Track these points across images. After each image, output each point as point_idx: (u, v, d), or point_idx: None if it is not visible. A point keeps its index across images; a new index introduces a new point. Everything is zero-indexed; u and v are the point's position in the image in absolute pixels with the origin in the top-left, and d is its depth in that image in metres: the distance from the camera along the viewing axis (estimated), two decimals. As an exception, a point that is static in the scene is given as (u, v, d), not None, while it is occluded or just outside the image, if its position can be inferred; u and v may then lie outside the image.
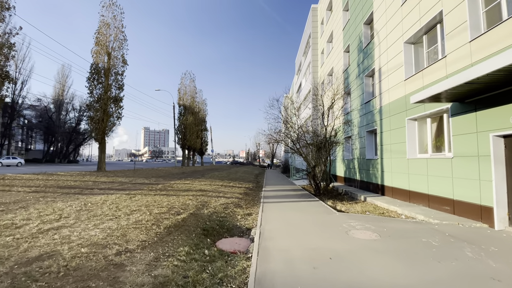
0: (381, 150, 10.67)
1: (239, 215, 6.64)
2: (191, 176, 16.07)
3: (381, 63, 10.73)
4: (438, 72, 7.19)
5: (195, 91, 37.04)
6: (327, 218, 6.48)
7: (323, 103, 11.95)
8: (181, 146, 33.88)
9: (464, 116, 6.29)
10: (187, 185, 11.12)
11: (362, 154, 12.67)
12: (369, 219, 6.33)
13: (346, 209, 8.26)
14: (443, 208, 7.00)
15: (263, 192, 11.48)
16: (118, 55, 19.18)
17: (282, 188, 13.54)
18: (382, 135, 10.63)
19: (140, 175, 15.46)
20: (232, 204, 7.62)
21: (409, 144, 8.75)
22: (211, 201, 7.67)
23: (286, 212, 7.11)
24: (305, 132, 12.95)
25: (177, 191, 9.26)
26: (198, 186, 10.80)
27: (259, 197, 10.22)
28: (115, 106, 18.87)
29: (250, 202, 8.70)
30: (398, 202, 8.80)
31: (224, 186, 11.76)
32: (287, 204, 8.56)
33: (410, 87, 8.60)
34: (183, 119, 34.02)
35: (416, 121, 8.73)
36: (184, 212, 6.00)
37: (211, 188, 10.41)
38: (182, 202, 7.21)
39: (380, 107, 10.81)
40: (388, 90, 10.13)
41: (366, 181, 12.17)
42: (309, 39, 26.07)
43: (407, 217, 7.00)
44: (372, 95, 12.23)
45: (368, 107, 12.02)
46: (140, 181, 12.09)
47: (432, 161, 7.57)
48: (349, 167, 14.69)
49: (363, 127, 12.57)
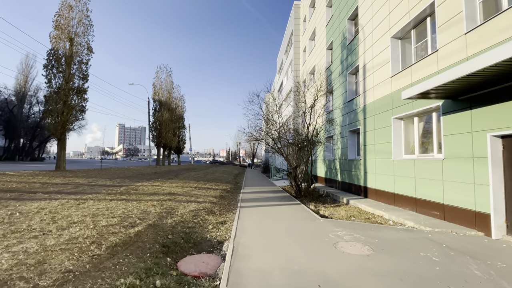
0: (365, 150, 10.21)
1: (211, 224, 5.67)
2: (163, 177, 14.75)
3: (366, 60, 10.26)
4: (429, 68, 6.72)
5: (172, 86, 35.11)
6: (310, 226, 5.71)
7: (306, 100, 11.30)
8: (155, 144, 31.88)
9: (457, 115, 5.83)
10: (155, 187, 9.91)
11: (344, 154, 12.21)
12: (356, 227, 5.66)
13: (329, 214, 7.60)
14: (432, 213, 6.54)
15: (241, 195, 10.57)
16: (82, 42, 17.24)
17: (261, 190, 12.72)
18: (365, 134, 10.17)
19: (105, 176, 13.87)
20: (204, 211, 6.63)
21: (395, 145, 8.30)
22: (179, 208, 6.62)
23: (265, 219, 6.26)
24: (287, 131, 12.23)
25: (141, 194, 8.06)
26: (168, 189, 9.64)
27: (236, 200, 9.29)
28: (78, 98, 16.93)
29: (225, 207, 7.75)
30: (383, 205, 8.32)
31: (198, 188, 10.69)
32: (266, 208, 7.73)
33: (397, 84, 8.13)
34: (158, 115, 32.03)
35: (402, 120, 8.30)
36: (141, 223, 4.92)
37: (182, 191, 9.31)
38: (143, 209, 6.09)
39: (364, 106, 10.35)
40: (373, 88, 9.67)
41: (348, 183, 11.71)
42: (291, 37, 25.57)
43: (395, 223, 6.46)
44: (355, 93, 11.79)
45: (351, 105, 11.55)
46: (101, 183, 10.65)
47: (420, 163, 7.11)
48: (330, 168, 14.24)
49: (345, 126, 12.11)
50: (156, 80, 33.10)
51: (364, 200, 9.51)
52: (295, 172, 10.77)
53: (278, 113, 12.32)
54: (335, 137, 13.43)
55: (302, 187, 11.04)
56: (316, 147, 11.95)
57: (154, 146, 32.59)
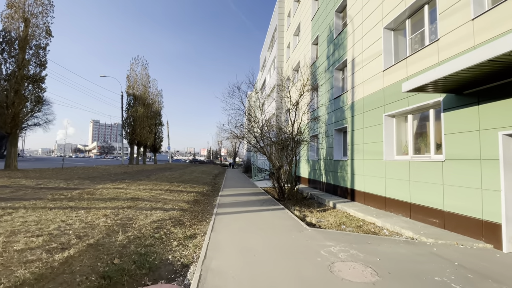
0: (352, 150, 9.54)
1: (176, 240, 4.56)
2: (132, 178, 13.23)
3: (355, 54, 9.59)
4: (428, 59, 6.07)
5: (148, 80, 32.93)
6: (298, 239, 4.79)
7: (290, 96, 10.43)
8: (128, 142, 29.65)
9: (461, 111, 5.19)
10: (118, 190, 8.54)
11: (330, 154, 11.53)
12: (350, 240, 4.83)
13: (317, 221, 6.75)
14: (429, 221, 5.90)
15: (219, 198, 9.48)
16: (40, 23, 15.14)
17: (242, 192, 11.69)
18: (353, 133, 9.50)
19: (62, 176, 12.12)
20: (170, 221, 5.48)
21: (387, 144, 7.65)
22: (138, 218, 5.42)
23: (244, 231, 5.25)
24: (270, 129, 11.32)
25: (95, 200, 6.72)
26: (133, 192, 8.32)
27: (212, 205, 8.19)
28: (34, 87, 14.84)
29: (198, 214, 6.64)
30: (373, 210, 7.64)
31: (169, 191, 9.43)
32: (246, 216, 6.72)
33: (390, 78, 7.48)
34: (132, 110, 29.82)
35: (395, 118, 7.67)
36: (77, 244, 3.71)
37: (149, 195, 8.04)
38: (89, 221, 4.84)
39: (352, 103, 9.68)
40: (362, 83, 9.00)
41: (333, 184, 11.03)
42: (274, 33, 24.75)
43: (391, 232, 5.73)
44: (342, 89, 11.13)
45: (338, 103, 10.87)
46: (53, 185, 9.07)
47: (415, 165, 6.47)
48: (314, 168, 13.54)
49: (331, 125, 11.42)
50: (131, 72, 30.84)
51: (351, 204, 8.81)
52: (279, 173, 9.87)
53: (261, 109, 11.35)
54: (320, 136, 12.73)
55: (285, 189, 10.18)
56: (300, 146, 11.15)
57: (127, 143, 30.34)
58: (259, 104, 10.91)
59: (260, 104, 11.24)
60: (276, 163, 9.90)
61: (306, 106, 11.21)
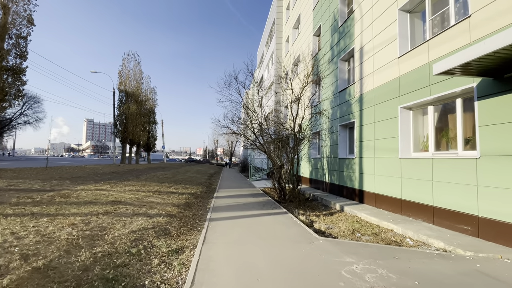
0: (360, 147, 8.69)
1: (158, 257, 3.63)
2: (120, 178, 12.21)
3: (364, 41, 8.73)
4: (456, 40, 5.23)
5: (141, 76, 31.73)
6: (310, 254, 3.90)
7: (292, 88, 9.54)
8: (120, 140, 28.46)
9: (502, 98, 4.35)
10: (100, 192, 7.55)
11: (334, 152, 10.68)
12: (374, 254, 3.95)
13: (326, 228, 5.87)
14: (459, 228, 5.06)
15: (214, 201, 8.55)
16: (21, 11, 14.00)
17: (239, 193, 10.78)
18: (362, 129, 8.65)
19: (42, 176, 11.06)
20: (154, 230, 4.54)
21: (403, 140, 6.80)
22: (115, 227, 4.47)
23: (243, 242, 4.34)
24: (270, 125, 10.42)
25: (68, 205, 5.74)
26: (116, 195, 7.34)
27: (206, 209, 7.27)
28: (14, 79, 13.70)
29: (189, 221, 5.71)
30: (388, 214, 6.79)
31: (158, 193, 8.47)
32: (244, 222, 5.81)
33: (407, 65, 6.63)
34: (124, 107, 28.63)
35: (411, 110, 6.82)
36: (18, 268, 2.76)
37: (133, 198, 7.07)
38: (47, 233, 3.87)
39: (360, 95, 8.82)
40: (372, 73, 8.15)
41: (338, 185, 10.18)
42: (273, 27, 23.86)
43: (416, 242, 4.87)
44: (348, 82, 10.28)
45: (344, 96, 10.01)
46: (26, 186, 8.04)
47: (439, 163, 5.62)
48: (316, 167, 12.69)
49: (335, 120, 10.56)
50: (123, 68, 29.64)
51: (361, 206, 7.96)
52: (279, 173, 8.98)
53: (261, 103, 10.42)
54: (322, 133, 11.86)
55: (286, 189, 9.30)
56: (302, 144, 10.27)
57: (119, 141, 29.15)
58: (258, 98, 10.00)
59: (259, 98, 10.32)
60: (277, 162, 9.00)
61: (309, 100, 10.32)
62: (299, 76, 9.95)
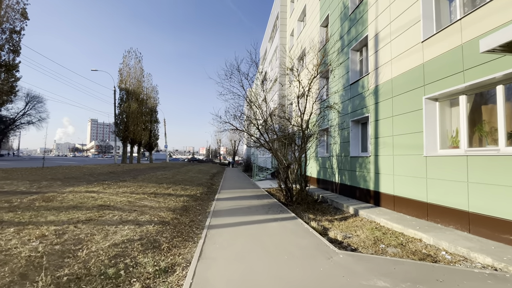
0: (376, 144, 7.87)
1: (141, 280, 2.89)
2: (116, 178, 11.55)
3: (379, 27, 7.90)
4: (498, 16, 4.40)
5: (142, 74, 31.09)
6: (330, 275, 3.12)
7: (300, 81, 8.75)
8: (121, 139, 27.90)
9: None
10: (89, 195, 6.86)
11: (345, 150, 9.86)
12: (410, 274, 3.16)
13: (343, 237, 5.09)
14: (504, 238, 4.23)
15: (215, 203, 7.81)
16: (13, 4, 13.39)
17: (242, 194, 10.03)
18: (377, 124, 7.83)
19: (33, 177, 10.43)
20: (141, 242, 3.81)
21: (428, 136, 5.98)
22: (94, 238, 3.74)
23: (247, 258, 3.59)
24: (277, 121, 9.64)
25: (47, 210, 5.04)
26: (106, 197, 6.63)
27: (205, 214, 6.53)
28: (7, 75, 13.11)
29: (184, 229, 4.97)
30: (411, 220, 5.98)
31: (153, 195, 7.76)
32: (248, 230, 5.05)
33: (434, 50, 5.80)
34: (124, 105, 28.04)
35: (438, 101, 5.99)
36: None
37: (124, 202, 6.35)
38: (7, 248, 3.16)
39: (375, 87, 8.00)
40: (390, 62, 7.32)
41: (349, 185, 9.37)
42: (276, 21, 23.02)
43: (454, 257, 4.05)
44: (360, 73, 9.45)
45: (356, 89, 9.19)
46: (10, 188, 7.39)
47: (475, 161, 4.80)
48: (324, 167, 11.88)
49: (346, 115, 9.74)
50: (124, 66, 29.04)
51: (377, 210, 7.16)
52: (286, 173, 8.20)
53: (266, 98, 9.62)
54: (331, 129, 11.04)
55: (293, 190, 8.53)
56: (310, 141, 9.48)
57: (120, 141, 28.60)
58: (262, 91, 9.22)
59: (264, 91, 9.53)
60: (284, 161, 8.22)
61: (317, 93, 9.51)
62: (308, 67, 9.13)
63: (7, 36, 13.31)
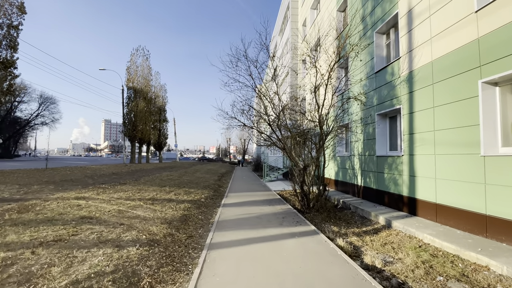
0: (411, 141, 6.61)
1: None
2: (117, 181, 10.76)
3: (413, 1, 6.61)
4: None
5: (150, 73, 30.51)
6: None
7: (318, 68, 7.57)
8: (129, 139, 27.47)
9: None
10: (76, 202, 5.98)
11: (369, 148, 8.61)
12: None
13: (383, 263, 3.91)
14: None
15: (220, 211, 6.80)
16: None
17: (252, 199, 8.98)
18: (412, 117, 6.56)
19: (26, 180, 9.77)
20: (112, 278, 2.81)
21: (487, 130, 4.70)
22: (51, 272, 2.78)
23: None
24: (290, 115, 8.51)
25: (15, 225, 4.15)
26: (93, 206, 5.73)
27: (207, 226, 5.51)
28: (7, 73, 12.57)
29: (176, 251, 3.95)
30: (463, 236, 4.73)
31: (152, 201, 6.82)
32: (259, 251, 3.98)
33: (494, 20, 4.50)
34: (132, 104, 27.55)
35: (498, 86, 4.70)
36: None
37: (113, 211, 5.42)
38: None
39: (409, 73, 6.72)
40: (429, 41, 6.03)
41: (376, 189, 8.12)
42: (287, 12, 21.75)
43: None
44: (388, 59, 8.16)
45: (383, 77, 7.91)
46: (-6, 194, 6.63)
47: None
48: (344, 167, 10.64)
49: (371, 108, 8.48)
50: (131, 64, 28.53)
51: (414, 220, 5.92)
52: (303, 176, 7.07)
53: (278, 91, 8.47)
54: (352, 125, 9.77)
55: (310, 195, 7.39)
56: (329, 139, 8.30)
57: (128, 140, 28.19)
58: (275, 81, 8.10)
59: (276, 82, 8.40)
60: (300, 163, 7.09)
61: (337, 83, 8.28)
62: (327, 51, 7.91)
63: (4, 32, 12.77)
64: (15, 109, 48.05)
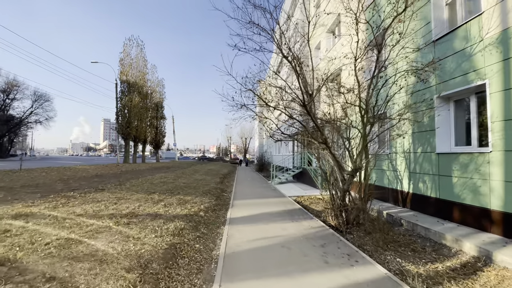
0: (508, 132, 4.49)
1: None
2: (94, 185, 8.64)
3: None
4: None
5: (145, 65, 28.29)
6: None
7: (358, 32, 5.45)
8: (123, 136, 25.30)
9: None
10: (12, 223, 3.91)
11: (423, 143, 6.51)
12: None
13: None
14: None
15: (227, 232, 4.70)
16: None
17: (266, 210, 6.88)
18: (510, 95, 4.43)
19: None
20: None
21: None
22: None
23: None
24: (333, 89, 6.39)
25: None
26: (34, 231, 3.65)
27: (209, 267, 3.40)
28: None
29: None
30: None
31: (127, 219, 4.72)
32: None
33: None
34: (126, 99, 25.35)
35: None
36: None
37: (56, 242, 3.33)
38: None
39: (502, 32, 4.59)
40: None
41: (435, 198, 6.00)
42: (296, -6, 19.56)
43: None
44: (451, 23, 6.03)
45: (449, 44, 5.77)
46: None
47: None
48: (380, 168, 8.51)
49: (427, 90, 6.36)
50: (124, 55, 26.28)
51: (530, 253, 3.79)
52: (348, 184, 4.95)
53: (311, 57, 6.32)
54: (393, 114, 7.62)
55: (350, 207, 5.28)
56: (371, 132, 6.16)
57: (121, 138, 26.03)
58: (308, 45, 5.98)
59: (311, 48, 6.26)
60: (345, 165, 4.96)
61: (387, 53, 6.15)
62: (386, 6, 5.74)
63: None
64: (8, 107, 46.06)
